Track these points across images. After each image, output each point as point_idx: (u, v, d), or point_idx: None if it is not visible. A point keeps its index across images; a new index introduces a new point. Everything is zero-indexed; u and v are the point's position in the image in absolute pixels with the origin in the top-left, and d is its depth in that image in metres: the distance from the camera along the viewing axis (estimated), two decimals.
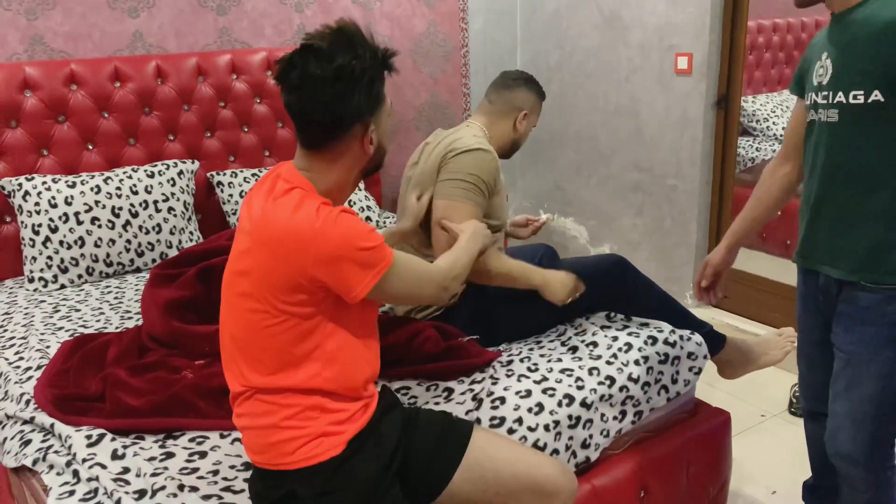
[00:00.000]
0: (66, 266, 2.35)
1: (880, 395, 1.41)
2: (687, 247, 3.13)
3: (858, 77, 1.33)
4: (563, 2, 3.44)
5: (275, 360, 1.19)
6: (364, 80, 1.20)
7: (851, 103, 1.34)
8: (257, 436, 1.22)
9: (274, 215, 1.17)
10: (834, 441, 1.50)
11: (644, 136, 3.21)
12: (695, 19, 2.88)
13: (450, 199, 1.74)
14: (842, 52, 1.37)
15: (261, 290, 1.17)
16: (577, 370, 1.68)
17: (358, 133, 1.23)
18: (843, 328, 1.46)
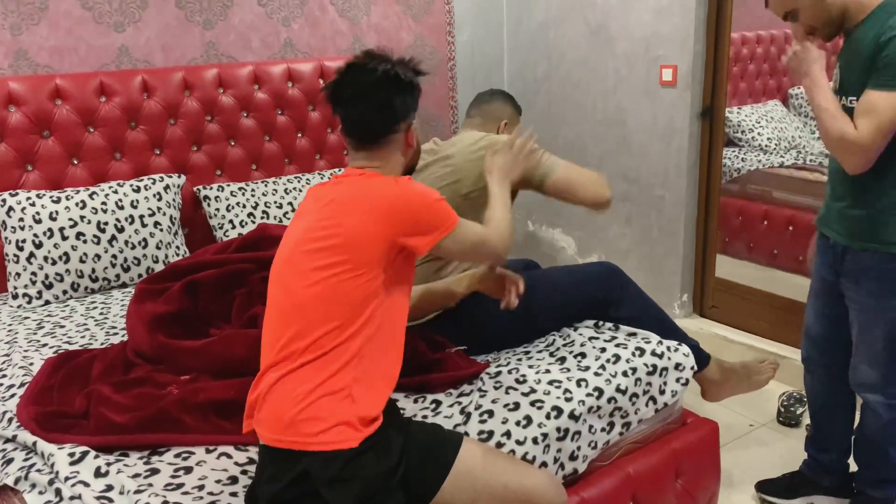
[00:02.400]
0: (51, 282, 2.33)
1: (890, 335, 1.73)
2: (675, 256, 3.14)
3: (856, 86, 1.63)
4: (550, 13, 3.46)
5: (347, 313, 1.29)
6: (404, 82, 1.42)
7: (849, 107, 1.64)
8: (282, 409, 1.25)
9: (376, 187, 1.37)
10: (855, 374, 1.83)
11: (631, 147, 3.23)
12: (679, 31, 2.90)
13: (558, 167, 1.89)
14: (846, 64, 1.69)
15: (353, 252, 1.30)
16: (566, 382, 1.68)
17: (402, 130, 1.44)
18: (853, 282, 1.77)
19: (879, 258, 1.69)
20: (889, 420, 1.80)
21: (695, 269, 3.16)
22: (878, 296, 1.72)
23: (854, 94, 1.63)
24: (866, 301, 1.74)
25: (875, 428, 1.84)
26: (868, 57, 1.58)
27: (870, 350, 1.77)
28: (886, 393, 1.79)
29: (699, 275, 3.16)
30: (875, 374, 1.78)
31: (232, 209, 2.69)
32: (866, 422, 1.86)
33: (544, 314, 1.91)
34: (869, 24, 1.61)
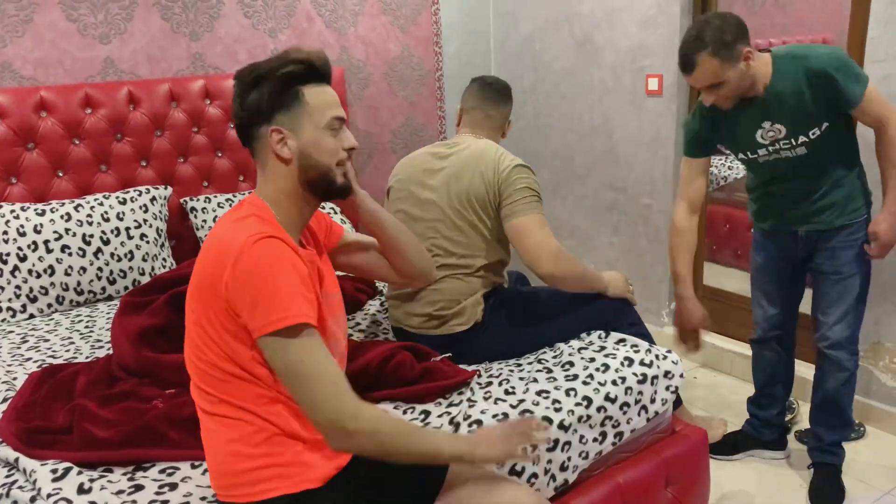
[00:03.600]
0: (36, 295, 2.31)
1: (861, 293, 2.03)
2: (663, 265, 3.15)
3: (810, 122, 1.91)
4: (537, 25, 3.48)
5: None
6: (269, 79, 1.23)
7: (812, 138, 1.93)
8: None
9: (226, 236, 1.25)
10: (828, 338, 2.07)
11: (618, 156, 3.24)
12: (665, 41, 2.92)
13: (537, 213, 1.84)
14: (785, 116, 1.91)
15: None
16: (553, 391, 1.68)
17: (266, 136, 1.24)
18: (829, 257, 2.03)
19: (851, 228, 2.00)
20: (852, 373, 2.08)
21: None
22: (852, 260, 2.01)
23: (812, 128, 1.91)
24: (843, 268, 2.01)
25: (838, 384, 2.08)
26: (814, 94, 1.86)
27: (843, 311, 2.03)
28: (850, 349, 2.06)
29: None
30: (846, 331, 2.04)
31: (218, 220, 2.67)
32: (828, 381, 2.10)
33: (540, 334, 1.93)
34: (779, 80, 1.89)
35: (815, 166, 1.97)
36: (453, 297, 1.87)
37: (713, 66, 1.81)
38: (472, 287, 1.89)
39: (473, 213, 1.87)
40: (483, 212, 1.87)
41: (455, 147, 1.96)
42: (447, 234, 1.88)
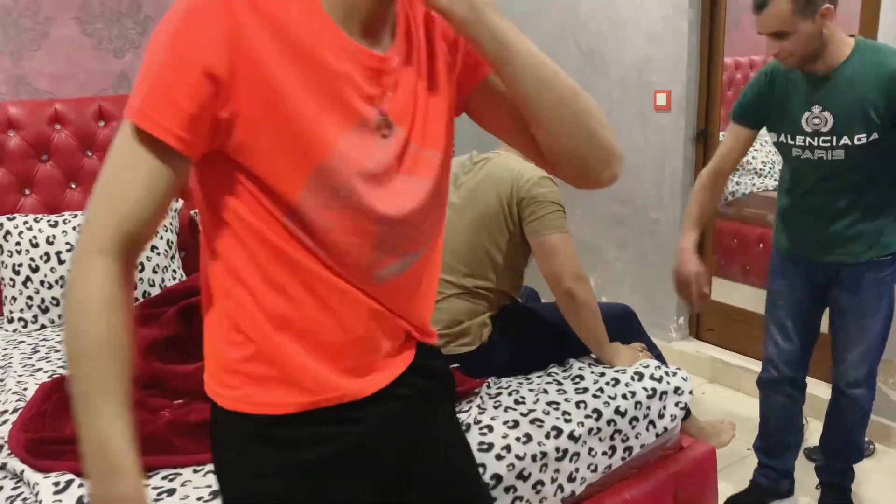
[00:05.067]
0: (47, 306, 2.33)
1: (884, 332, 1.91)
2: (670, 279, 3.13)
3: (861, 126, 1.73)
4: (543, 38, 3.50)
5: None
6: None
7: (856, 144, 1.75)
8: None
9: None
10: (847, 374, 1.95)
11: (625, 170, 3.21)
12: (672, 56, 2.94)
13: (565, 232, 1.81)
14: (839, 107, 1.74)
15: None
16: (564, 403, 1.68)
17: None
18: (850, 291, 1.89)
19: (879, 264, 1.85)
20: (868, 410, 1.99)
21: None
22: (875, 298, 1.88)
23: (858, 133, 1.74)
24: (866, 307, 1.88)
25: (854, 419, 2.00)
26: (883, 97, 1.69)
27: (863, 348, 1.91)
28: (869, 385, 1.96)
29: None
30: (865, 370, 1.93)
31: None
32: (845, 416, 2.01)
33: (550, 351, 1.92)
34: (854, 67, 1.72)
35: (849, 182, 1.82)
36: (456, 318, 1.86)
37: (786, 9, 1.65)
38: (478, 309, 1.87)
39: (486, 235, 1.85)
40: (497, 232, 1.84)
41: (478, 163, 1.95)
42: (456, 252, 1.87)
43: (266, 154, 0.79)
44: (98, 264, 0.76)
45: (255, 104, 0.77)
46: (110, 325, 0.75)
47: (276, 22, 0.77)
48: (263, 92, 0.77)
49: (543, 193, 1.81)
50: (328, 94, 0.80)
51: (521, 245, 1.87)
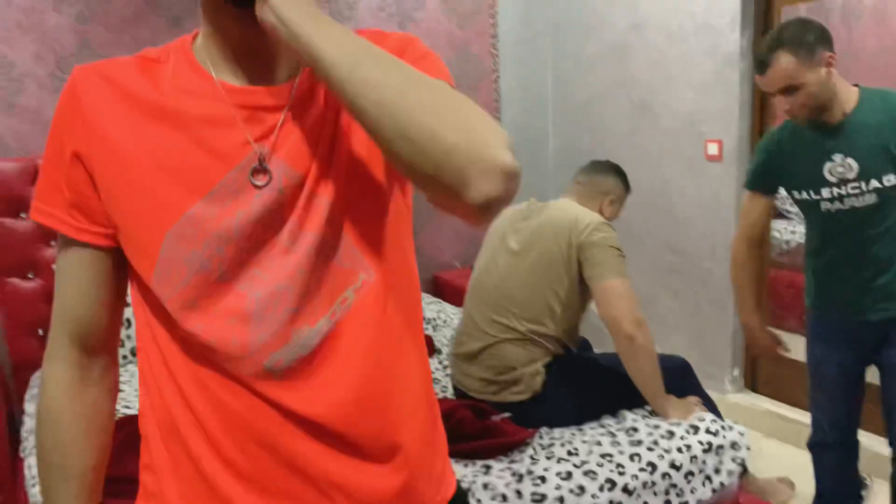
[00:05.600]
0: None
1: None
2: (724, 330, 3.09)
3: (887, 166, 1.69)
4: (595, 91, 3.56)
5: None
6: None
7: (886, 186, 1.70)
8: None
9: None
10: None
11: (677, 219, 3.24)
12: (724, 107, 2.95)
13: (625, 277, 1.82)
14: (862, 151, 1.70)
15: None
16: (618, 455, 1.66)
17: None
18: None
19: None
20: None
21: (746, 343, 3.11)
22: None
23: (886, 173, 1.70)
24: None
25: None
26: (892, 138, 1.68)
27: None
28: None
29: (750, 349, 3.10)
30: None
31: None
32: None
33: (604, 402, 1.92)
34: (865, 111, 1.71)
35: (886, 226, 1.74)
36: (509, 364, 1.87)
37: (790, 64, 1.64)
38: (531, 355, 1.87)
39: (545, 281, 1.86)
40: (556, 277, 1.86)
41: (536, 209, 1.99)
42: (513, 296, 1.89)
43: (124, 234, 0.73)
44: (53, 374, 0.78)
45: (107, 178, 0.72)
46: (56, 431, 0.78)
47: (120, 86, 0.72)
48: (110, 163, 0.72)
49: (603, 238, 1.82)
50: (182, 148, 0.71)
51: (580, 292, 1.88)
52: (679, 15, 3.06)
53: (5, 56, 2.51)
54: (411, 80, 0.65)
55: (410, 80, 0.65)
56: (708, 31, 2.95)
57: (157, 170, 0.70)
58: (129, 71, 0.73)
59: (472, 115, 0.65)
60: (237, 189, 0.71)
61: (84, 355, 0.79)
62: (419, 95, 0.64)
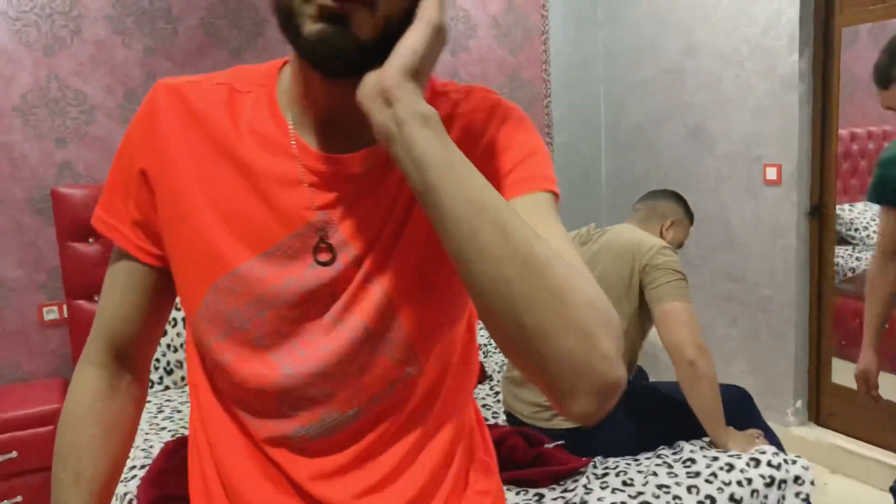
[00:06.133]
0: (171, 368, 2.49)
1: None
2: (785, 359, 2.99)
3: None
4: (648, 115, 3.53)
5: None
6: None
7: None
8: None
9: None
10: None
11: (735, 245, 3.16)
12: (782, 130, 2.89)
13: (688, 301, 1.78)
14: None
15: None
16: (674, 487, 1.61)
17: None
18: None
19: None
20: None
21: (809, 373, 3.00)
22: None
23: None
24: None
25: None
26: None
27: None
28: None
29: (814, 380, 2.99)
30: None
31: None
32: None
33: (660, 432, 1.87)
34: None
35: None
36: None
37: None
38: None
39: None
40: (615, 302, 1.84)
41: (596, 233, 1.98)
42: None
43: (173, 267, 0.73)
44: (83, 376, 0.79)
45: (167, 207, 0.71)
46: (77, 434, 0.78)
47: (198, 116, 0.70)
48: (172, 194, 0.70)
49: (665, 261, 1.80)
50: (245, 200, 0.68)
51: (639, 317, 1.85)
52: (734, 39, 3.02)
53: (79, 89, 2.64)
54: (532, 256, 0.55)
55: (531, 258, 0.55)
56: (764, 54, 2.91)
57: (215, 215, 0.68)
58: (212, 100, 0.71)
59: (590, 306, 0.55)
60: (292, 255, 0.68)
61: (116, 363, 0.79)
62: (539, 281, 0.55)
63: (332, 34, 0.59)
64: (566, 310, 0.54)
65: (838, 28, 2.74)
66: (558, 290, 0.55)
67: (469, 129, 0.71)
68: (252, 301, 0.68)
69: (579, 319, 0.54)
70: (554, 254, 0.57)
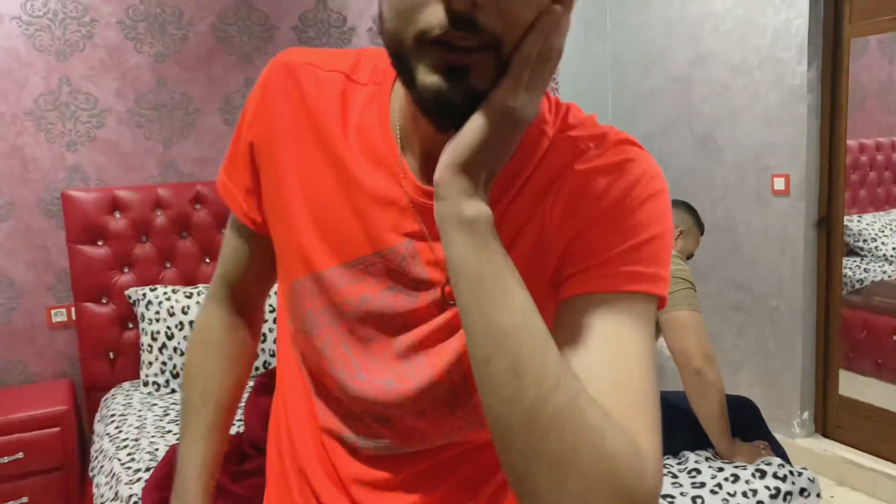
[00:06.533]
0: (178, 371, 2.49)
1: None
2: (793, 370, 2.98)
3: None
4: (656, 123, 3.53)
5: None
6: None
7: None
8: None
9: None
10: None
11: (742, 255, 3.15)
12: (791, 141, 2.88)
13: (697, 311, 1.76)
14: None
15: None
16: (679, 497, 1.61)
17: None
18: None
19: None
20: None
21: (816, 384, 2.98)
22: None
23: None
24: None
25: None
26: None
27: None
28: None
29: (821, 391, 2.98)
30: None
31: None
32: None
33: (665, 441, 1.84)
34: None
35: None
36: None
37: None
38: None
39: None
40: None
41: None
42: None
43: (275, 245, 0.74)
44: (206, 309, 0.86)
45: (267, 188, 0.72)
46: (204, 358, 0.84)
47: (310, 107, 0.68)
48: (271, 178, 0.71)
49: (674, 270, 1.79)
50: (339, 208, 0.66)
51: None
52: (743, 49, 3.02)
53: (90, 93, 2.66)
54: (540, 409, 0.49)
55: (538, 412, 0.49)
56: (773, 64, 2.90)
57: (307, 213, 0.67)
58: (326, 87, 0.68)
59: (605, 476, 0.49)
60: (372, 273, 0.65)
61: (235, 300, 0.84)
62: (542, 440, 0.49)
63: (449, 90, 0.53)
64: (567, 478, 0.48)
65: (847, 39, 2.74)
66: (564, 454, 0.48)
67: (581, 193, 0.60)
68: (325, 308, 0.67)
69: (580, 491, 0.48)
70: (580, 404, 0.49)
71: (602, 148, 0.62)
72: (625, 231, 0.58)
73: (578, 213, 0.60)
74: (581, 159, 0.62)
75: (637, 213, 0.59)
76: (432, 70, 0.53)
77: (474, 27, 0.50)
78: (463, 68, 0.52)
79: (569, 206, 0.60)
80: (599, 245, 0.59)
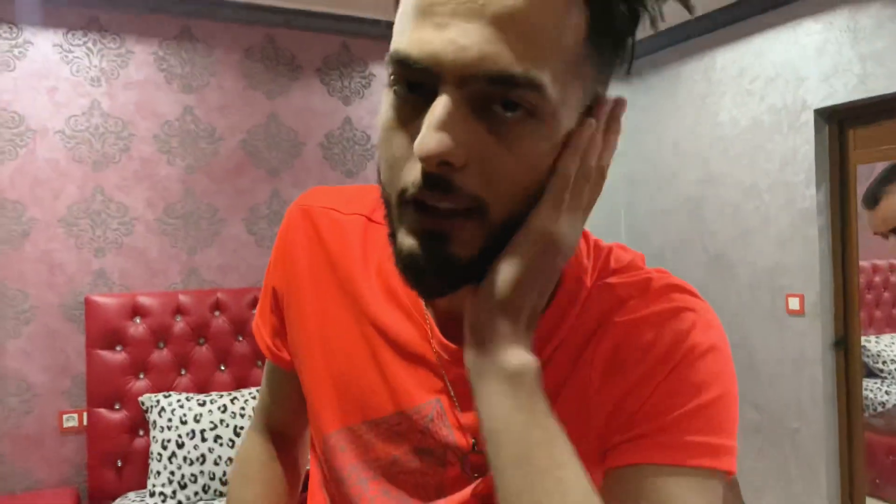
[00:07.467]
0: (186, 482, 2.44)
1: None
2: (818, 497, 2.87)
3: None
4: (668, 239, 3.59)
5: None
6: None
7: None
8: None
9: None
10: None
11: (760, 376, 3.12)
12: (803, 261, 2.91)
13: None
14: None
15: None
16: None
17: None
18: None
19: None
20: None
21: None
22: None
23: None
24: None
25: None
26: None
27: None
28: None
29: None
30: None
31: None
32: None
33: None
34: None
35: None
36: None
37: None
38: None
39: None
40: None
41: None
42: None
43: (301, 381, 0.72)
44: (251, 442, 0.85)
45: (292, 332, 0.70)
46: (241, 489, 0.82)
47: (331, 254, 0.66)
48: (296, 324, 0.69)
49: None
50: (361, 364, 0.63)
51: None
52: (753, 172, 3.11)
53: (122, 202, 2.77)
54: None
55: None
56: (783, 188, 2.98)
57: (325, 369, 0.64)
58: (349, 231, 0.65)
59: None
60: (399, 432, 0.61)
61: (273, 437, 0.84)
62: None
63: (423, 257, 0.48)
64: None
65: (853, 164, 2.82)
66: None
67: (625, 347, 0.54)
68: (356, 465, 0.63)
69: None
70: None
71: (646, 296, 0.56)
72: (682, 392, 0.52)
73: (624, 371, 0.53)
74: (622, 310, 0.56)
75: (693, 370, 0.53)
76: (409, 233, 0.49)
77: (448, 187, 0.46)
78: (441, 233, 0.48)
79: (612, 362, 0.54)
80: (654, 407, 0.52)
